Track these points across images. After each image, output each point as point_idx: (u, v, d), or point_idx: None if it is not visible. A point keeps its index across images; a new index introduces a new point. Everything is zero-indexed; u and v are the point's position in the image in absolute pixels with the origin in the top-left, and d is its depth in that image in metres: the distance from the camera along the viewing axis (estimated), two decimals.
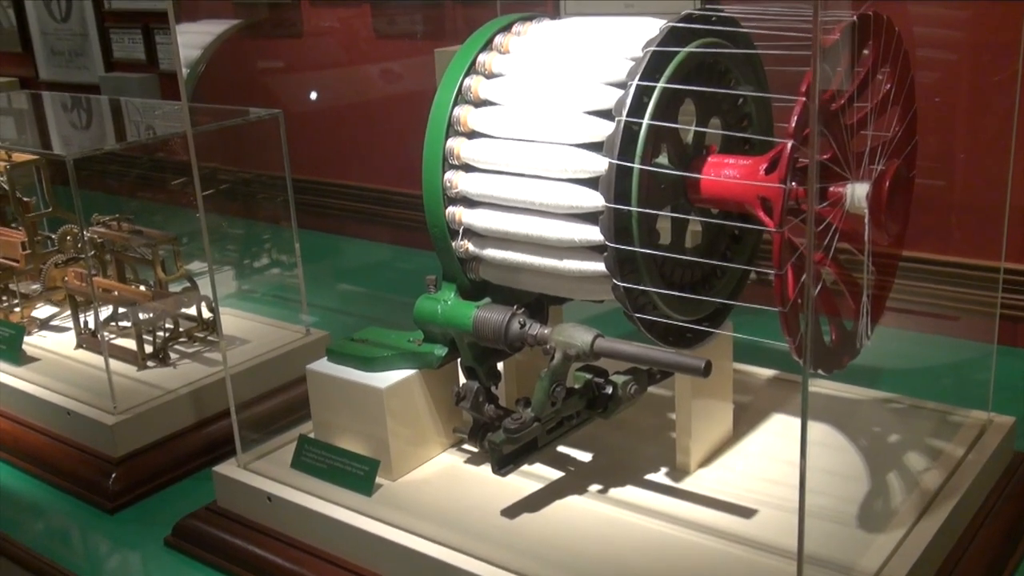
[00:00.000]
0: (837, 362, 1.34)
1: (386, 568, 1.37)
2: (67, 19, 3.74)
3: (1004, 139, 1.53)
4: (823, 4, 0.94)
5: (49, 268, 2.16)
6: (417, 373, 1.51)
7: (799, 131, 1.16)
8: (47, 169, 2.30)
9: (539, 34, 1.44)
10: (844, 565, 1.23)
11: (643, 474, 1.47)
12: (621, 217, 1.25)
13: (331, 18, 2.98)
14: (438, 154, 1.41)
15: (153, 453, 1.79)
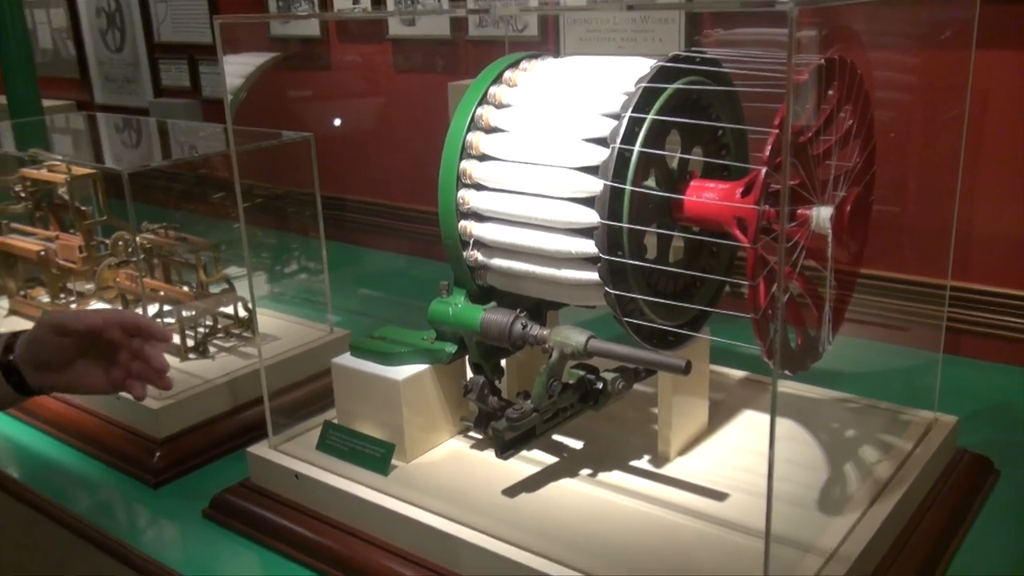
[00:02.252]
0: (802, 364, 1.34)
1: (400, 540, 1.37)
2: (121, 50, 3.74)
3: (952, 170, 1.54)
4: (795, 48, 0.95)
5: (103, 270, 2.16)
6: (430, 368, 1.51)
7: (772, 160, 1.17)
8: (102, 182, 2.30)
9: (543, 70, 1.44)
10: (806, 543, 1.23)
11: (628, 460, 1.47)
12: (613, 233, 1.26)
13: (356, 54, 2.98)
14: (452, 174, 1.42)
15: (193, 435, 1.78)
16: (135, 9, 3.60)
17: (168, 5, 3.48)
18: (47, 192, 2.28)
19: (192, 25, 3.43)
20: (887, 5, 1.46)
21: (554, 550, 1.24)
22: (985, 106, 1.88)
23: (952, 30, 1.59)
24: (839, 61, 1.26)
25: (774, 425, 1.06)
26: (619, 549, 1.26)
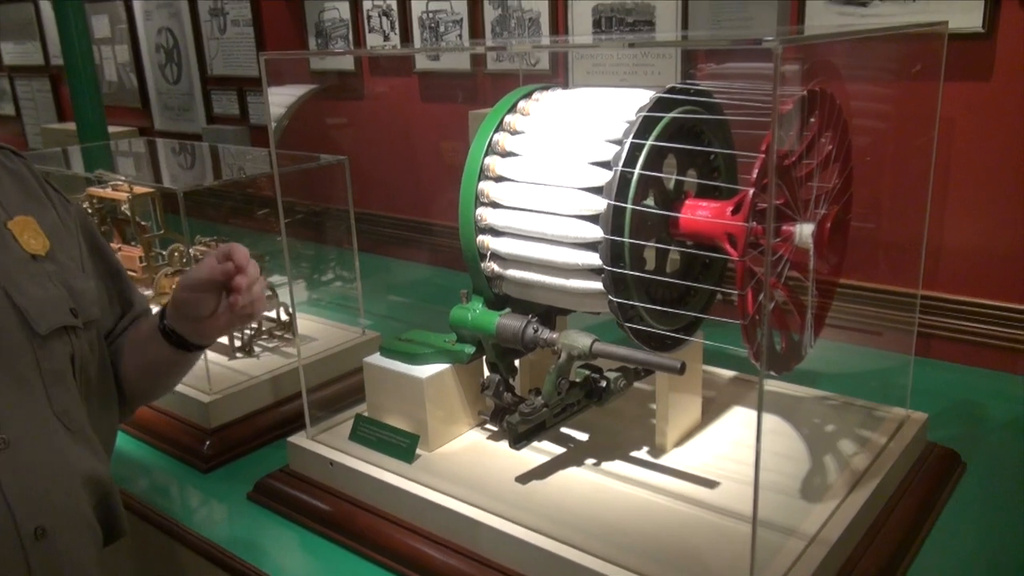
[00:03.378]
0: (786, 366, 1.34)
1: (423, 521, 1.37)
2: (178, 82, 3.77)
3: (922, 191, 1.53)
4: (780, 81, 0.94)
5: (160, 278, 2.16)
6: (451, 367, 1.51)
7: (759, 181, 1.17)
8: (160, 199, 2.31)
9: (553, 100, 1.44)
10: (789, 528, 1.22)
11: (628, 451, 1.46)
12: (616, 247, 1.26)
13: (386, 85, 2.99)
14: (472, 194, 1.42)
15: (239, 426, 1.78)
16: (191, 46, 3.62)
17: (219, 42, 3.50)
18: (111, 208, 2.29)
19: (241, 60, 3.44)
20: (863, 41, 1.46)
21: (561, 531, 1.24)
22: (952, 133, 1.87)
23: (922, 64, 1.58)
24: (820, 93, 1.25)
25: (761, 420, 1.05)
26: (620, 531, 1.25)
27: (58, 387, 1.04)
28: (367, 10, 2.90)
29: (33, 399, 1.01)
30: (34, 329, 1.01)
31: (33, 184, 1.15)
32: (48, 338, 1.03)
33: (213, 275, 1.13)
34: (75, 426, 1.06)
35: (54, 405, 1.03)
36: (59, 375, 1.04)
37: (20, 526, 0.95)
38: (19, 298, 1.01)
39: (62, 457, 1.03)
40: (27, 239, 1.07)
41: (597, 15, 2.37)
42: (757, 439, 1.04)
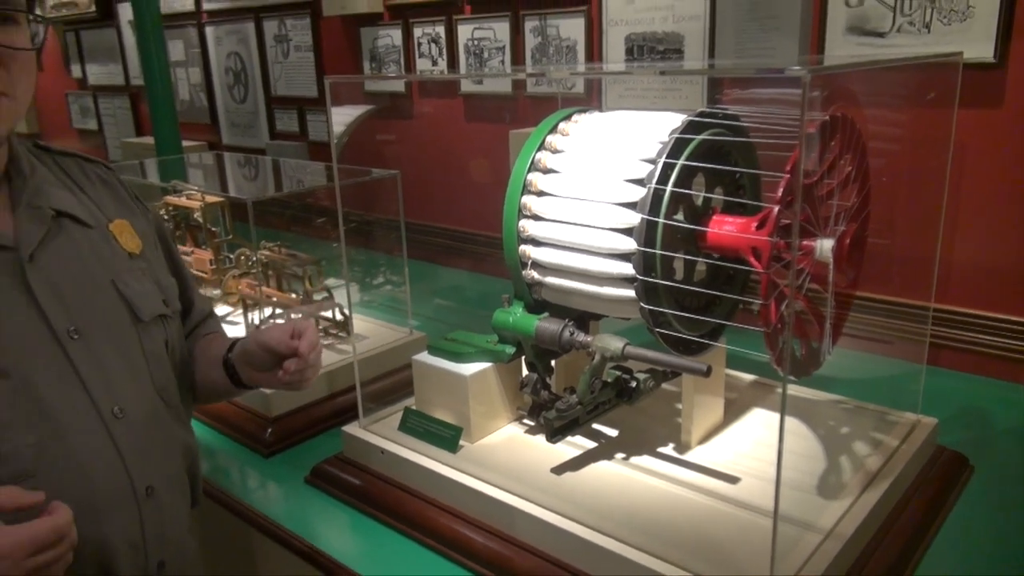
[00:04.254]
0: (805, 371, 1.33)
1: (465, 507, 1.38)
2: (244, 101, 3.83)
3: (935, 210, 1.52)
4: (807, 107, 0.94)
5: (228, 279, 2.20)
6: (492, 366, 1.52)
7: (783, 199, 1.16)
8: (229, 208, 2.35)
9: (591, 122, 1.45)
10: (807, 522, 1.21)
11: (656, 447, 1.46)
12: (648, 257, 1.26)
13: (434, 106, 3.01)
14: (515, 207, 1.43)
15: (298, 415, 1.80)
16: (257, 69, 3.68)
17: (283, 66, 3.55)
18: (185, 215, 2.34)
19: (301, 82, 3.49)
20: (881, 69, 1.45)
21: (592, 519, 1.24)
22: (964, 156, 1.85)
23: (936, 92, 1.57)
24: (841, 118, 1.25)
25: (783, 421, 1.05)
26: (646, 520, 1.25)
27: (158, 367, 1.10)
28: (417, 37, 2.93)
29: (140, 376, 1.06)
30: (138, 316, 1.07)
31: (123, 193, 1.20)
32: (149, 324, 1.09)
33: (279, 347, 1.15)
34: (172, 401, 1.12)
35: (155, 382, 1.09)
36: (158, 356, 1.10)
37: (135, 485, 1.01)
38: (124, 289, 1.07)
39: (163, 427, 1.09)
40: (125, 240, 1.12)
41: (629, 43, 2.38)
42: (780, 438, 1.04)
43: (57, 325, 0.98)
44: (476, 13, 2.74)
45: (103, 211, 1.13)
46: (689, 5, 2.22)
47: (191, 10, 3.91)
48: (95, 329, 1.02)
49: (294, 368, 1.13)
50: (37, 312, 0.97)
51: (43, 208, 1.03)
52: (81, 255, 1.05)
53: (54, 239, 1.03)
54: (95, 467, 0.97)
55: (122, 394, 1.02)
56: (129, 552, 1.01)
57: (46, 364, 0.96)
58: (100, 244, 1.09)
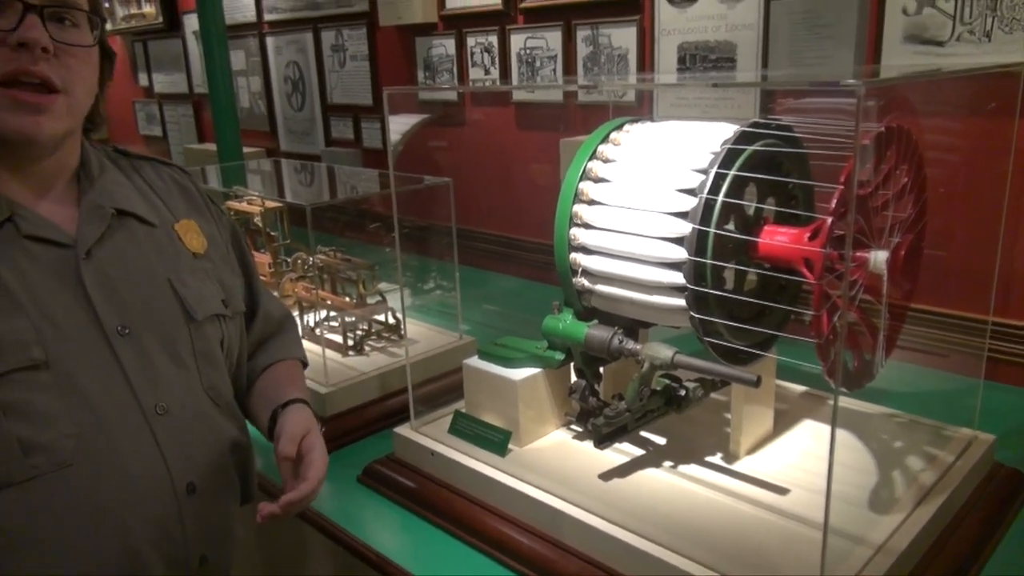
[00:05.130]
0: (858, 384, 1.31)
1: (514, 510, 1.39)
2: (301, 109, 3.91)
3: (994, 221, 1.48)
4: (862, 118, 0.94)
5: (285, 282, 2.25)
6: (542, 371, 1.53)
7: (837, 211, 1.15)
8: (287, 213, 2.41)
9: (643, 132, 1.46)
10: (858, 537, 1.20)
11: (704, 456, 1.45)
12: (699, 267, 1.26)
13: (486, 114, 3.04)
14: (566, 215, 1.44)
15: (350, 415, 1.83)
16: (314, 78, 3.77)
17: (339, 75, 3.63)
18: (245, 220, 2.40)
19: (356, 91, 3.56)
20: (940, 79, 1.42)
21: (639, 525, 1.25)
22: None
23: (998, 102, 1.53)
24: (897, 129, 1.23)
25: (834, 432, 1.04)
26: (693, 528, 1.25)
27: (208, 366, 1.12)
28: (470, 46, 2.97)
29: (187, 375, 1.08)
30: (191, 315, 1.10)
31: (196, 196, 1.25)
32: (202, 323, 1.11)
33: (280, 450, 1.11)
34: (221, 400, 1.14)
35: (204, 380, 1.11)
36: (210, 356, 1.12)
37: (175, 481, 1.02)
38: (181, 288, 1.10)
39: (210, 425, 1.10)
40: (190, 239, 1.16)
41: (682, 52, 2.37)
42: (831, 450, 1.03)
43: (106, 321, 1.01)
44: (529, 23, 2.77)
45: (172, 211, 1.17)
46: (742, 14, 2.21)
47: (253, 21, 4.02)
48: (145, 326, 1.04)
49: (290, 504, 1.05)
50: (88, 308, 1.00)
51: (104, 207, 1.07)
52: (141, 253, 1.09)
53: (113, 237, 1.06)
54: (133, 462, 0.99)
55: (167, 391, 1.04)
56: (166, 546, 1.02)
57: (91, 359, 0.99)
58: (163, 242, 1.13)
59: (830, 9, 2.01)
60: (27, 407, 0.91)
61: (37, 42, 0.94)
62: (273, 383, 1.28)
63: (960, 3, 1.82)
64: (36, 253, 0.99)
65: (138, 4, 4.75)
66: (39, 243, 0.99)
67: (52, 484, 0.94)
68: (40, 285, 0.97)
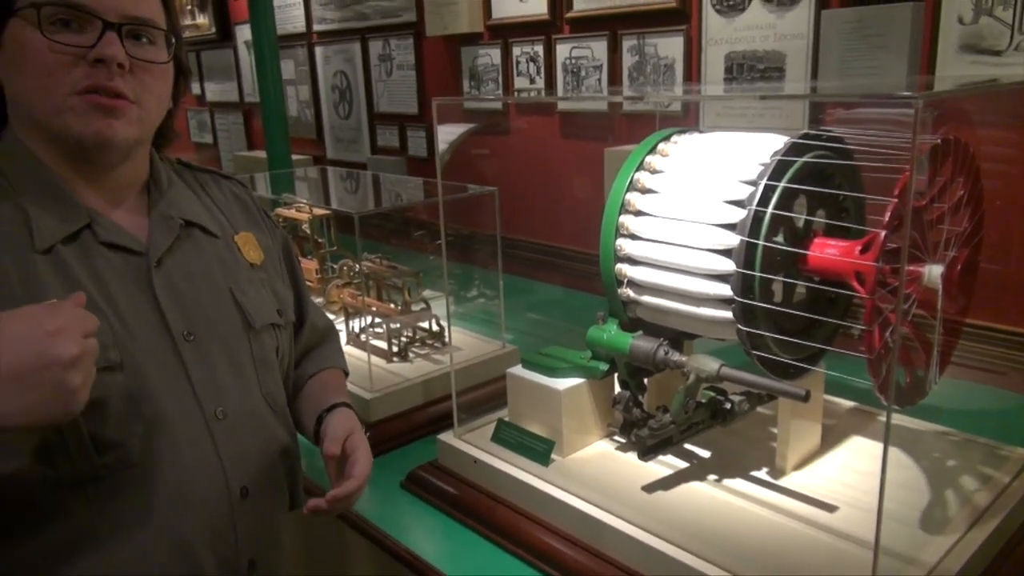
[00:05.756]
0: (910, 400, 1.29)
1: (556, 519, 1.39)
2: (348, 117, 3.97)
3: None
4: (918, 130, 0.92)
5: (331, 288, 2.30)
6: (586, 381, 1.53)
7: (891, 224, 1.14)
8: (334, 220, 2.45)
9: (691, 143, 1.45)
10: (909, 557, 1.17)
11: (749, 470, 1.43)
12: (747, 280, 1.25)
13: (531, 123, 3.05)
14: (612, 226, 1.44)
15: (395, 421, 1.84)
16: (361, 87, 3.82)
17: (386, 84, 3.68)
18: (293, 227, 2.45)
19: (403, 100, 3.61)
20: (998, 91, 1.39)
21: (682, 539, 1.24)
22: None
23: None
24: (953, 141, 1.21)
25: (886, 450, 1.02)
26: (738, 543, 1.23)
27: (266, 373, 1.15)
28: (516, 56, 2.99)
29: (246, 381, 1.11)
30: (251, 323, 1.13)
31: (252, 209, 1.28)
32: (260, 332, 1.14)
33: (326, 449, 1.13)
34: (277, 407, 1.17)
35: (262, 387, 1.13)
36: (267, 363, 1.15)
37: (230, 485, 1.05)
38: (241, 298, 1.13)
39: (266, 430, 1.13)
40: (248, 251, 1.19)
41: (729, 62, 2.35)
42: (882, 468, 1.01)
43: (174, 327, 1.04)
44: (574, 32, 2.77)
45: (232, 223, 1.21)
46: (792, 23, 2.19)
47: (302, 31, 4.10)
48: (209, 333, 1.08)
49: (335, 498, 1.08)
50: (158, 314, 1.04)
51: (173, 218, 1.11)
52: (204, 263, 1.13)
53: (181, 247, 1.10)
54: (193, 464, 1.02)
55: (227, 397, 1.07)
56: (219, 548, 1.05)
57: (160, 363, 1.02)
58: (224, 253, 1.17)
59: (882, 18, 1.98)
60: (103, 406, 0.95)
61: (114, 58, 0.97)
62: (319, 390, 1.31)
63: (1018, 11, 1.78)
64: (111, 259, 1.03)
65: (192, 15, 4.88)
66: (114, 250, 1.03)
67: (118, 483, 0.97)
68: (115, 290, 1.01)
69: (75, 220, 1.01)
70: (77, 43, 0.97)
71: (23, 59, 0.97)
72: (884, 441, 1.03)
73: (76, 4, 0.97)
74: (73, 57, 0.97)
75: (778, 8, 2.21)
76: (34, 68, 0.97)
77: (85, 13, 0.97)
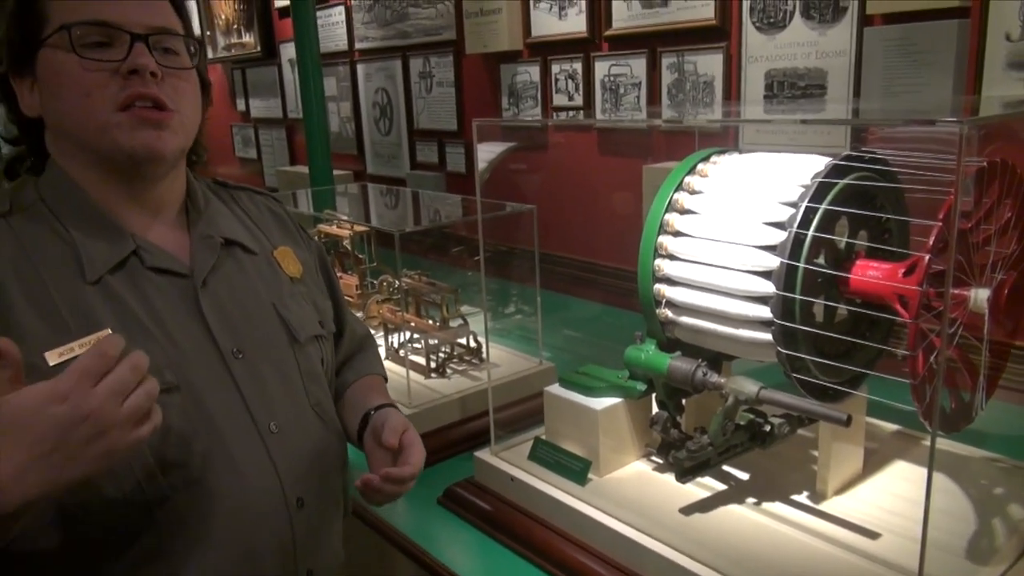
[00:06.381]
0: (955, 426, 1.26)
1: (592, 540, 1.39)
2: (388, 134, 4.03)
3: None
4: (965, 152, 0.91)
5: (371, 303, 2.32)
6: (623, 401, 1.53)
7: (935, 247, 1.12)
8: (375, 236, 2.48)
9: (730, 163, 1.45)
10: None
11: (789, 494, 1.42)
12: (787, 302, 1.24)
13: (568, 139, 3.06)
14: (651, 246, 1.44)
15: (433, 437, 1.83)
16: (401, 103, 3.88)
17: (426, 101, 3.73)
18: (335, 243, 2.49)
19: (442, 117, 3.65)
20: None
21: (721, 563, 1.22)
22: None
23: None
24: (1000, 163, 1.19)
25: (931, 477, 1.01)
26: (778, 569, 1.22)
27: (313, 384, 1.17)
28: (555, 73, 3.01)
29: (295, 393, 1.14)
30: (296, 337, 1.16)
31: (288, 224, 1.32)
32: (305, 344, 1.17)
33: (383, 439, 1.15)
34: (327, 417, 1.19)
35: (310, 398, 1.16)
36: (314, 374, 1.18)
37: (287, 496, 1.08)
38: (284, 312, 1.16)
39: (317, 441, 1.16)
40: (287, 265, 1.22)
41: (769, 79, 2.34)
42: (927, 495, 1.00)
43: (224, 346, 1.07)
44: (613, 50, 2.78)
45: (269, 239, 1.24)
46: (834, 41, 2.17)
47: (344, 49, 4.17)
48: (256, 349, 1.11)
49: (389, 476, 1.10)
50: (207, 333, 1.07)
51: (214, 237, 1.14)
52: (247, 280, 1.16)
53: (223, 266, 1.14)
54: (252, 478, 1.05)
55: (278, 411, 1.10)
56: (280, 558, 1.08)
57: (213, 381, 1.05)
58: (264, 269, 1.20)
59: (927, 35, 1.95)
60: (164, 428, 0.98)
61: (147, 67, 1.01)
62: (361, 394, 1.34)
63: None
64: (158, 283, 1.06)
65: (239, 34, 5.00)
66: (160, 274, 1.07)
67: (182, 502, 1.00)
68: (164, 313, 1.04)
69: (122, 247, 1.05)
70: (109, 58, 1.00)
71: (60, 84, 1.01)
72: (928, 467, 1.02)
73: (104, 21, 1.01)
74: (108, 73, 1.01)
75: (820, 25, 2.20)
76: (72, 90, 1.01)
77: (113, 28, 1.01)
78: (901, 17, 2.00)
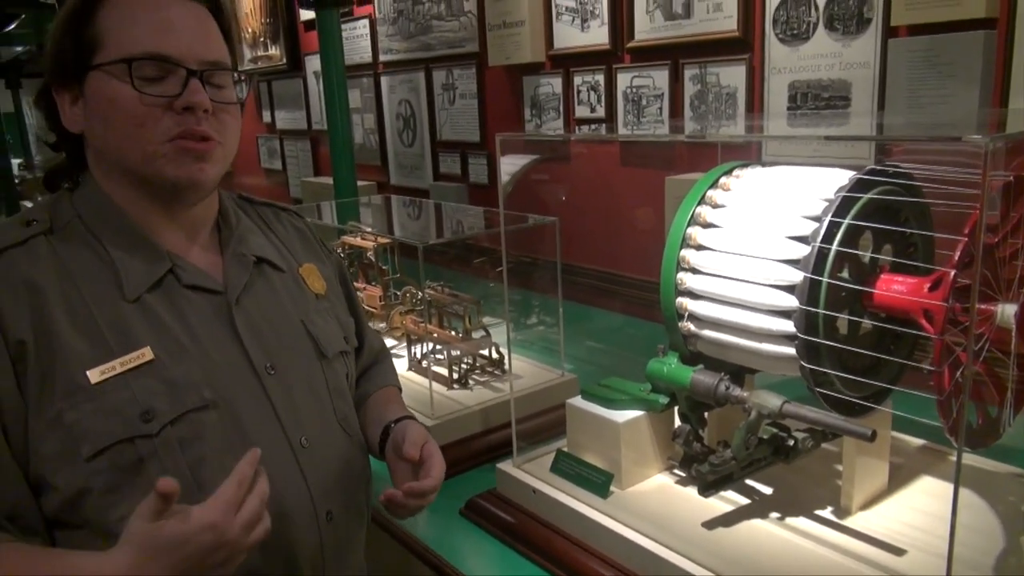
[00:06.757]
0: (982, 442, 1.25)
1: (614, 553, 1.39)
2: (412, 145, 4.07)
3: None
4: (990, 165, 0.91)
5: (394, 314, 2.35)
6: (645, 414, 1.53)
7: (960, 262, 1.12)
8: (398, 248, 2.51)
9: (753, 177, 1.45)
10: None
11: (813, 509, 1.41)
12: (810, 316, 1.24)
13: (590, 150, 3.07)
14: (673, 260, 1.44)
15: (455, 448, 1.85)
16: (424, 115, 3.91)
17: (448, 112, 3.76)
18: (359, 254, 2.52)
19: (465, 128, 3.68)
20: None
21: None
22: None
23: None
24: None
25: (957, 494, 1.00)
26: None
27: (339, 399, 1.19)
28: (577, 85, 3.02)
29: (323, 409, 1.16)
30: (324, 352, 1.18)
31: (311, 239, 1.34)
32: (332, 360, 1.19)
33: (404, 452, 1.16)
34: (352, 430, 1.21)
35: (337, 413, 1.18)
36: (340, 390, 1.20)
37: (317, 509, 1.10)
38: (312, 328, 1.18)
39: (344, 455, 1.18)
40: (312, 282, 1.25)
41: (793, 91, 2.34)
42: (953, 512, 0.99)
43: (257, 362, 1.10)
44: (635, 62, 2.79)
45: (294, 255, 1.27)
46: (858, 52, 2.17)
47: (368, 62, 4.22)
48: (287, 365, 1.13)
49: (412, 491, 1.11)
50: (241, 350, 1.09)
51: (246, 255, 1.17)
52: (276, 297, 1.18)
53: (255, 283, 1.16)
54: (286, 492, 1.07)
55: (308, 426, 1.13)
56: (309, 571, 1.10)
57: (248, 397, 1.08)
58: (292, 286, 1.22)
59: (953, 46, 1.95)
60: (202, 445, 1.00)
61: (201, 105, 1.04)
62: (380, 405, 1.35)
63: None
64: (194, 300, 1.08)
65: (265, 47, 5.07)
66: (196, 291, 1.09)
67: None
68: (200, 330, 1.07)
69: (159, 266, 1.07)
70: (164, 92, 1.03)
71: (112, 112, 1.03)
72: (955, 482, 1.01)
73: (163, 56, 1.03)
74: (161, 108, 1.03)
75: (843, 36, 2.19)
76: (125, 119, 1.03)
77: (171, 63, 1.03)
78: (927, 28, 1.99)
